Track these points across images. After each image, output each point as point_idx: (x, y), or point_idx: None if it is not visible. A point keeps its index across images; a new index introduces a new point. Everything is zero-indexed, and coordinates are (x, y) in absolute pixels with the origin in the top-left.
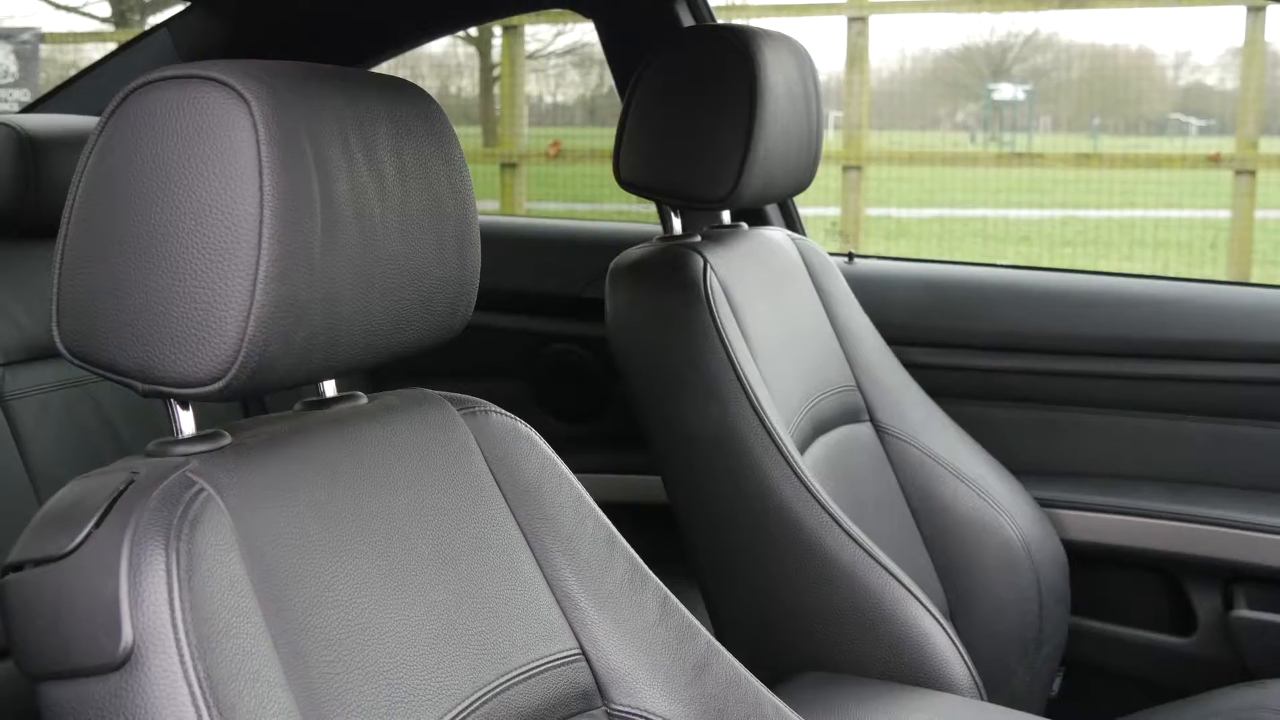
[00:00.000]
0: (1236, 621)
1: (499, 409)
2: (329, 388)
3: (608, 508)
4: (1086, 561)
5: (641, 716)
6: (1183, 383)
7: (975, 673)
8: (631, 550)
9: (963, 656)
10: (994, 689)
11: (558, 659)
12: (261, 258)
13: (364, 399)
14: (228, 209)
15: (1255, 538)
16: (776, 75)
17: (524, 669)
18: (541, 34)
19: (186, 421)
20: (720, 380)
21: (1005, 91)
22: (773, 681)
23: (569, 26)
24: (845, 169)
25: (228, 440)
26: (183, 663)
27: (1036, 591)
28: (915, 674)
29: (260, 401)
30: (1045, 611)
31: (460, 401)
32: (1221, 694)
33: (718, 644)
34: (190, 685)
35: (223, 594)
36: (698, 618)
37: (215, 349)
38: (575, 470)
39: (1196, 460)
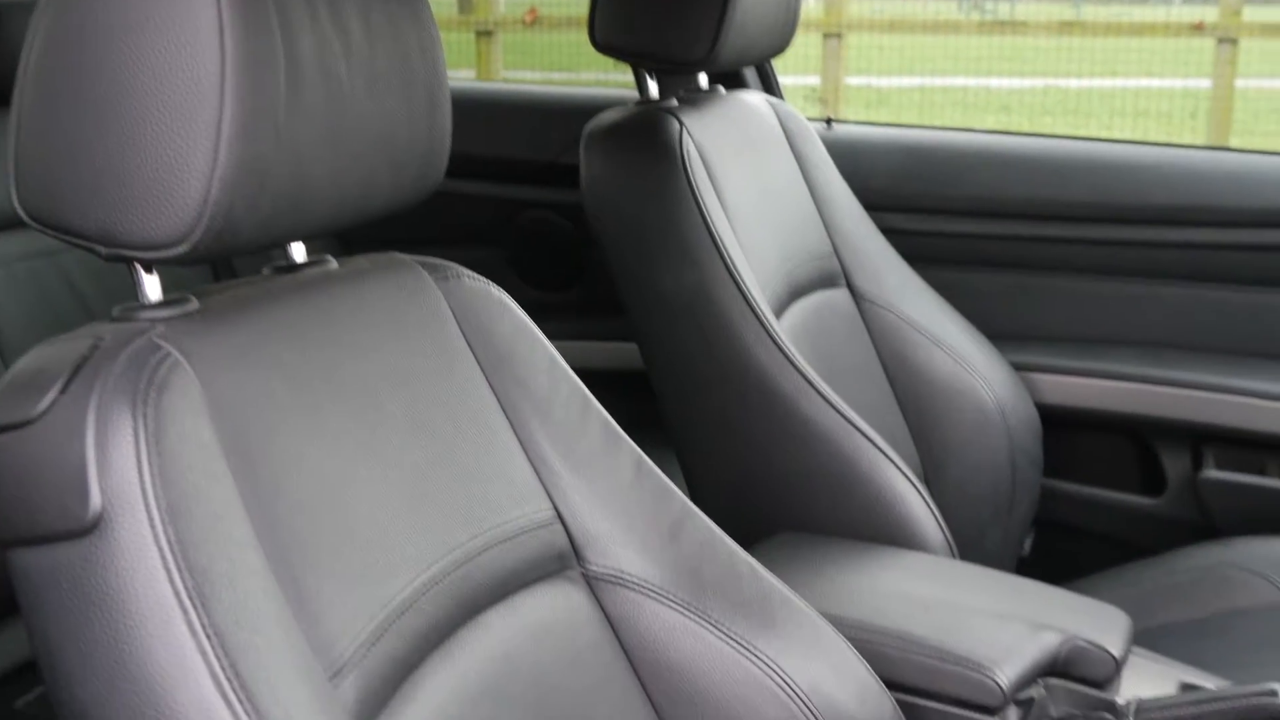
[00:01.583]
0: (1204, 482)
1: (471, 273)
2: (298, 252)
3: (583, 374)
4: (1059, 424)
5: (617, 577)
6: (1157, 248)
7: (948, 533)
8: (606, 414)
9: (936, 517)
10: (966, 549)
11: (533, 521)
12: (224, 117)
13: (334, 263)
14: (188, 67)
15: (1224, 400)
16: None
17: (499, 531)
18: None
19: (152, 286)
20: (696, 245)
21: None
22: (748, 543)
23: None
24: (825, 36)
25: (195, 305)
26: (153, 526)
27: (1009, 454)
28: (889, 534)
29: (230, 268)
30: (1018, 473)
31: (432, 266)
32: (1188, 552)
33: (693, 506)
34: (161, 549)
35: (192, 458)
36: (673, 482)
37: (178, 210)
38: (551, 337)
39: (1169, 324)
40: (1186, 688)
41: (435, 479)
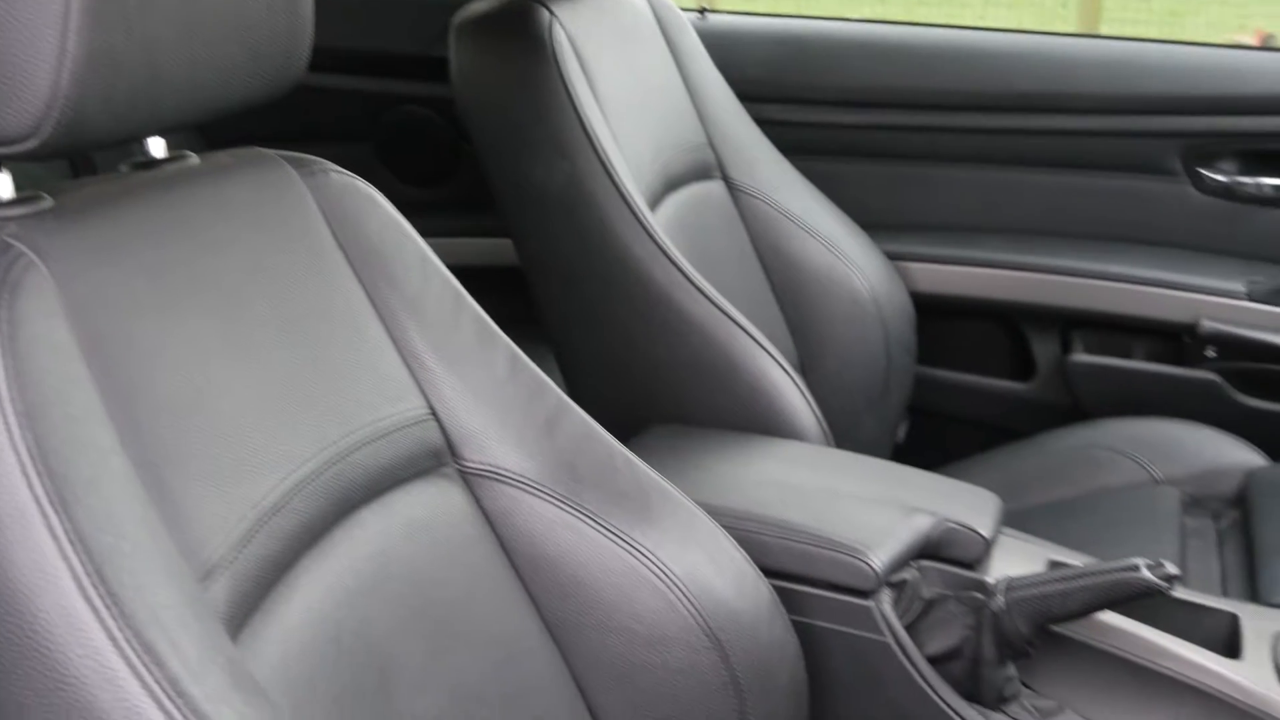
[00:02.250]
0: (1073, 365)
1: (338, 168)
2: (157, 148)
3: (458, 271)
4: (932, 312)
5: (493, 472)
6: (1028, 135)
7: (823, 422)
8: (479, 309)
9: (811, 407)
10: (842, 437)
11: (407, 418)
12: (71, 6)
13: (195, 159)
14: None
15: (1092, 285)
16: None
17: (372, 429)
18: None
19: (3, 184)
20: (568, 137)
21: None
22: (625, 436)
23: None
24: None
25: (49, 203)
26: (9, 431)
27: (884, 342)
28: (765, 424)
29: (90, 165)
30: (892, 361)
31: (297, 161)
32: (1057, 434)
33: (569, 400)
34: (18, 454)
35: (48, 361)
36: (550, 377)
37: (25, 104)
38: (425, 234)
39: (1040, 211)
40: (1054, 565)
41: (305, 377)
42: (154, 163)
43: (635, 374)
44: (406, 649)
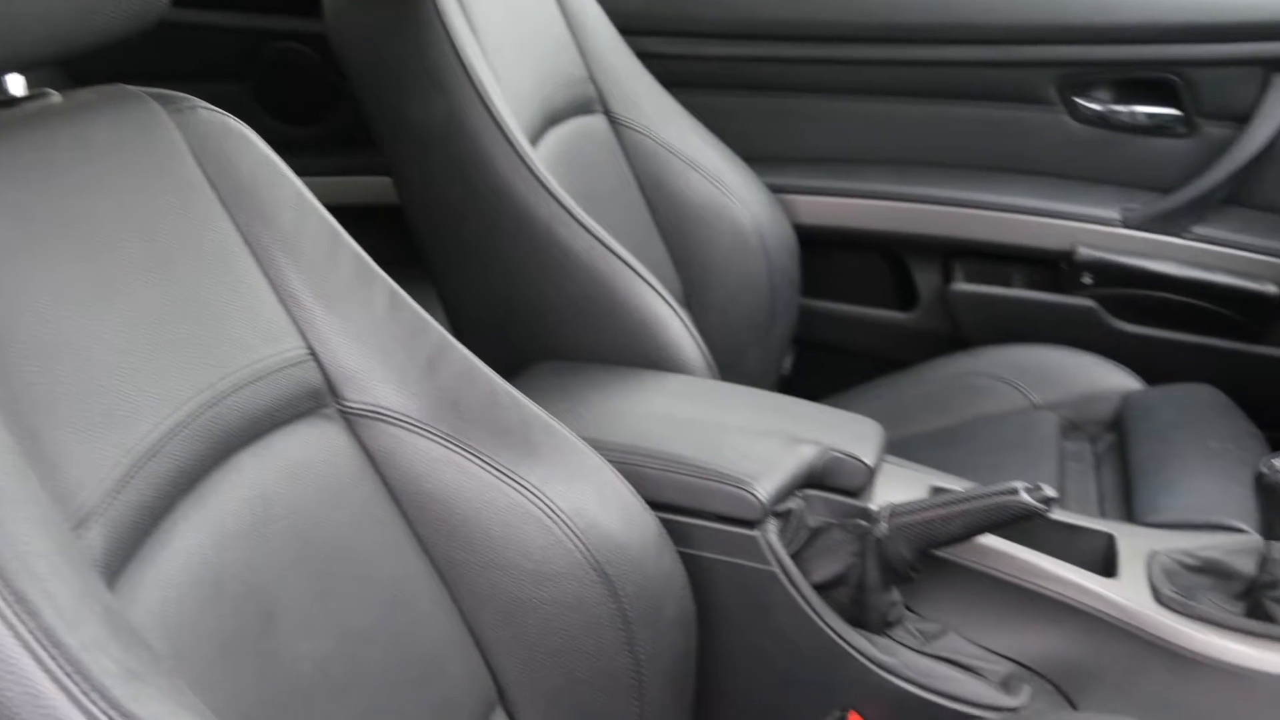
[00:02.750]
0: (954, 294)
1: (208, 105)
2: (16, 85)
3: (338, 211)
4: (815, 244)
5: (375, 412)
6: (907, 66)
7: (708, 355)
8: (358, 248)
9: (695, 340)
10: (728, 370)
11: (285, 359)
12: None
13: (56, 97)
14: None
15: (972, 215)
16: None
17: (249, 370)
18: None
19: None
20: (445, 72)
21: None
22: (509, 373)
23: None
24: None
25: None
26: None
27: (768, 275)
28: (649, 359)
29: None
30: (776, 294)
31: (165, 98)
32: (939, 363)
33: (450, 338)
34: None
35: None
36: (434, 317)
37: None
38: (302, 174)
39: (920, 142)
40: (936, 491)
41: (178, 320)
42: (13, 101)
43: (518, 311)
44: (291, 591)
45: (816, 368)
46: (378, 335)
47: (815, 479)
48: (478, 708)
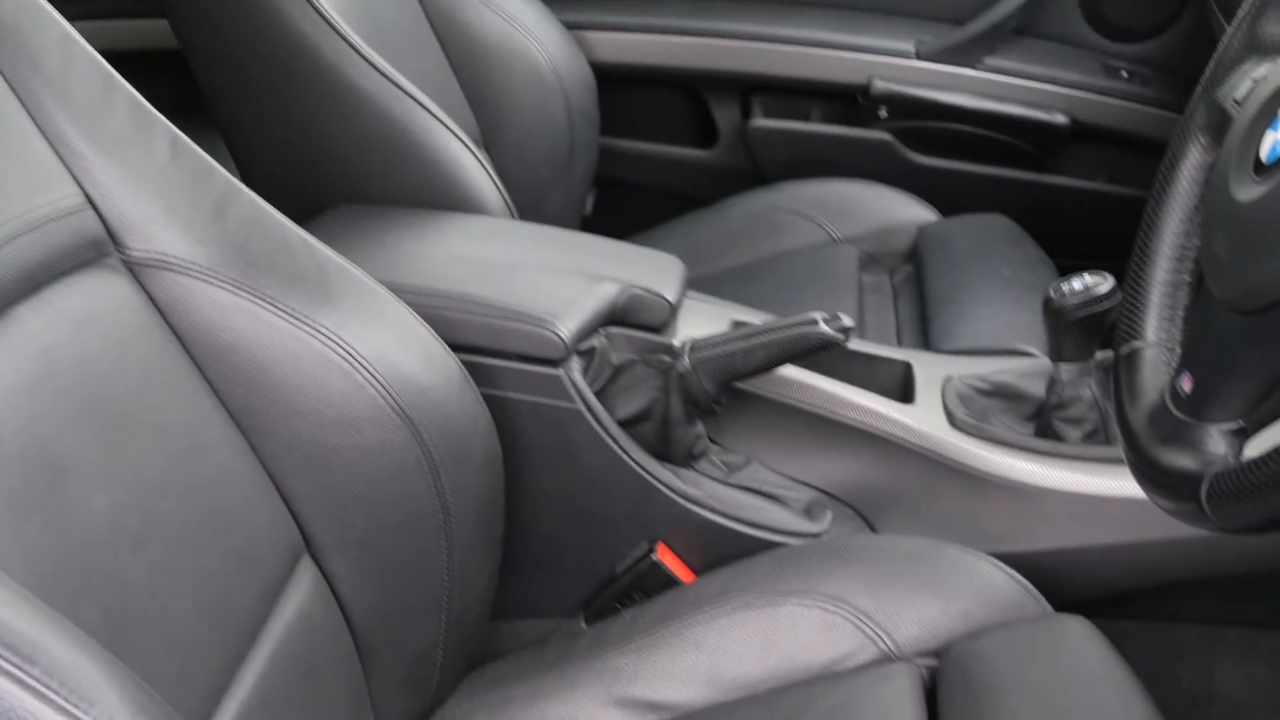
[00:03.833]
0: (753, 130)
1: None
2: None
3: (112, 56)
4: (614, 81)
5: (160, 261)
6: None
7: (507, 195)
8: (134, 92)
9: (494, 180)
10: (529, 212)
11: (60, 209)
12: None
13: None
14: None
15: (769, 49)
16: None
17: (20, 221)
18: None
19: None
20: None
21: None
22: (303, 219)
23: None
24: None
25: None
26: None
27: (566, 114)
28: (447, 201)
29: None
30: (575, 133)
31: None
32: (740, 199)
33: (238, 183)
34: None
35: None
36: (222, 165)
37: None
38: (75, 19)
39: None
40: (737, 325)
41: None
42: None
43: (309, 156)
44: (80, 445)
45: (618, 207)
46: (159, 181)
47: (617, 316)
48: (283, 556)
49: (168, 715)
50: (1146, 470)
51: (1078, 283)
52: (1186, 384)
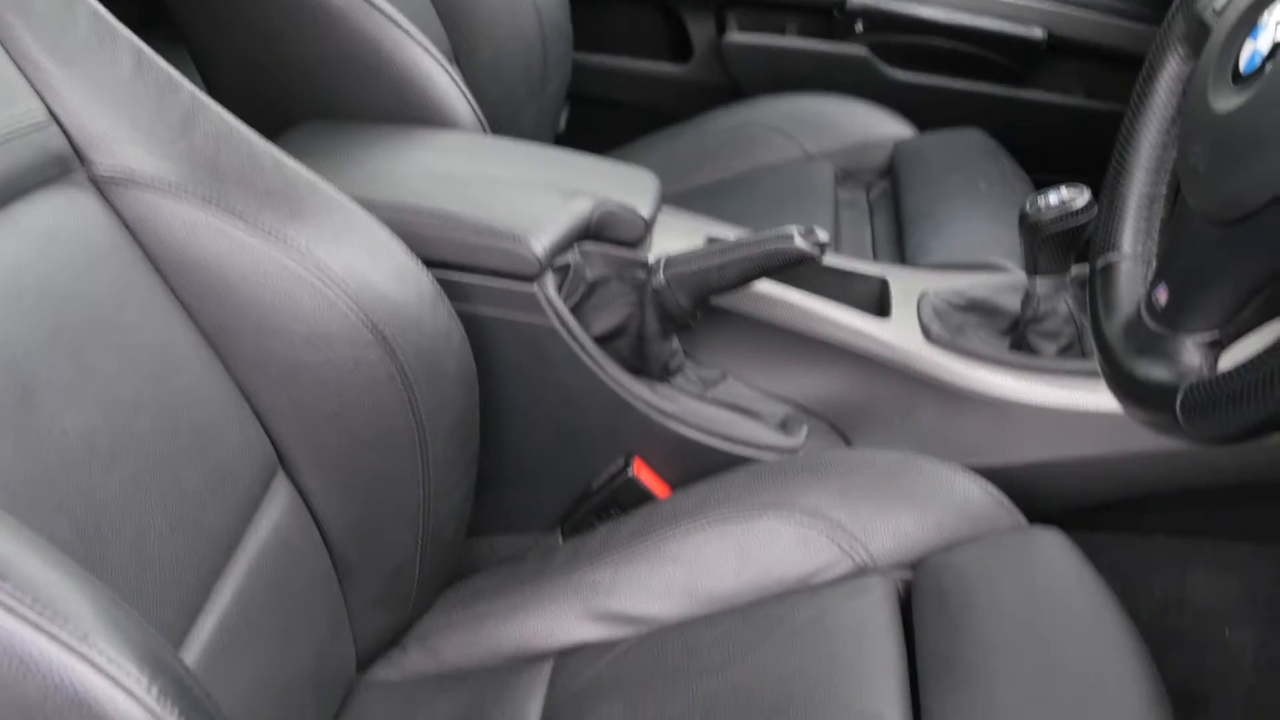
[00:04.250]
0: (728, 45)
1: None
2: None
3: None
4: None
5: (127, 177)
6: None
7: (479, 111)
8: (97, 5)
9: (466, 96)
10: (502, 128)
11: (23, 125)
12: None
13: None
14: None
15: None
16: None
17: None
18: None
19: None
20: None
21: None
22: (272, 134)
23: None
24: None
25: None
26: None
27: (539, 29)
28: (419, 117)
29: None
30: (549, 48)
31: None
32: (715, 114)
33: (205, 98)
34: None
35: None
36: (190, 80)
37: None
38: None
39: None
40: (712, 240)
41: None
42: None
43: (279, 72)
44: (50, 365)
45: (593, 124)
46: (124, 95)
47: (592, 232)
48: (257, 474)
49: (143, 631)
50: (1122, 382)
51: (1054, 196)
52: (1162, 296)
